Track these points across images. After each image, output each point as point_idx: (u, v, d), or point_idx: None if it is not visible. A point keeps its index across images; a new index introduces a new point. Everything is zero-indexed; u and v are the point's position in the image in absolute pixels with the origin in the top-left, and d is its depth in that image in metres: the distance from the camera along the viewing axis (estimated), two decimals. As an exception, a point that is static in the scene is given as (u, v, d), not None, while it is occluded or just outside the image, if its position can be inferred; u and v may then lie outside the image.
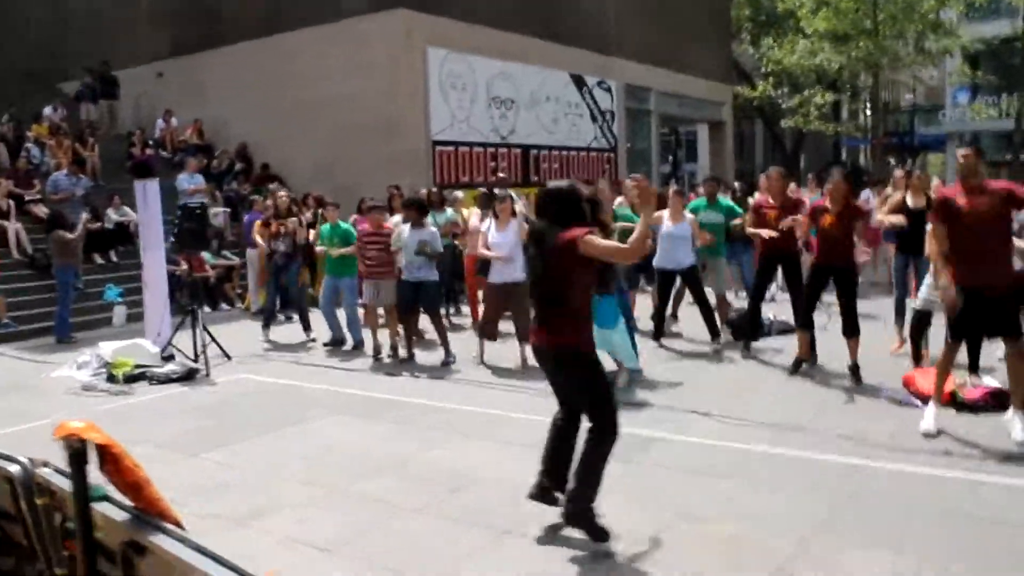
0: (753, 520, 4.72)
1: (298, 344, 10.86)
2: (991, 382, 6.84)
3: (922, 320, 7.72)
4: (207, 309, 14.03)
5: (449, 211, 11.46)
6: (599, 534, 4.41)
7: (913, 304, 8.02)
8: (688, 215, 9.42)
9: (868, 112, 35.57)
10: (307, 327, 11.09)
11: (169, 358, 9.70)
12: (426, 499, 5.25)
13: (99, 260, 14.28)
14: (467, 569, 4.27)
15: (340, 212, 10.56)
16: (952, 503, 4.86)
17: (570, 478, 4.52)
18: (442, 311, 10.92)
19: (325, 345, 10.52)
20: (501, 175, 14.98)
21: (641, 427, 6.53)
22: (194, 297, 10.21)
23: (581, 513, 4.43)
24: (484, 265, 9.28)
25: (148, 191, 10.34)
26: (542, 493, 4.70)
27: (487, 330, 9.08)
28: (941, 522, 4.60)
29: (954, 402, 6.63)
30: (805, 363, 8.19)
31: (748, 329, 9.04)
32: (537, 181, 18.85)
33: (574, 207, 4.48)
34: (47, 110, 17.84)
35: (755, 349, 9.01)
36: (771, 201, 8.74)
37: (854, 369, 7.67)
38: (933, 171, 42.66)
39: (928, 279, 7.53)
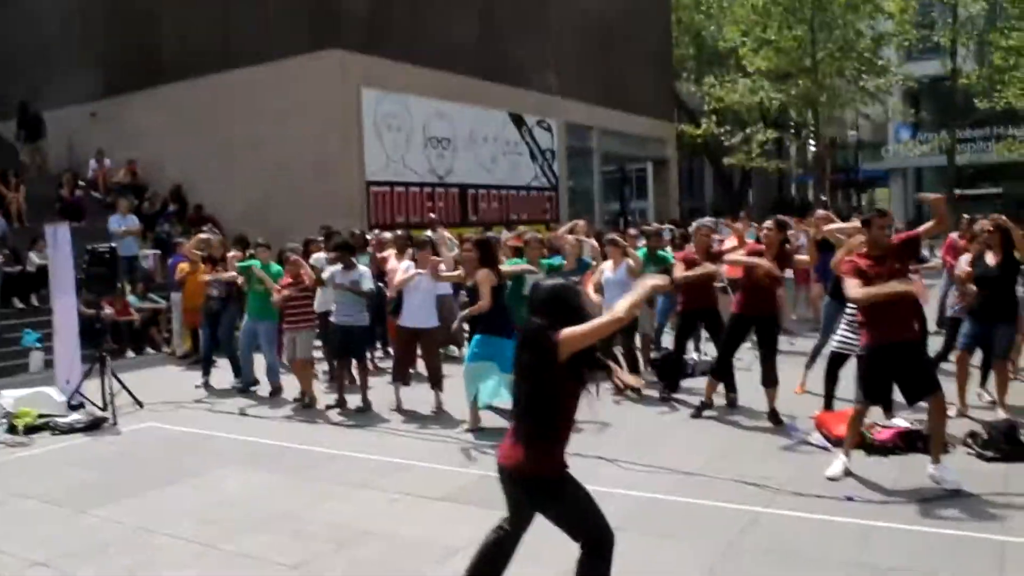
0: (635, 571, 4.57)
1: (223, 391, 10.57)
2: (900, 423, 6.79)
3: (836, 363, 7.68)
4: (131, 354, 13.75)
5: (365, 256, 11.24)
6: None
7: (830, 346, 7.96)
8: (628, 262, 9.31)
9: (813, 148, 36.26)
10: (237, 373, 10.80)
11: (78, 407, 9.37)
12: (306, 556, 5.06)
13: (19, 304, 13.86)
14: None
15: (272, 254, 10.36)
16: (841, 551, 4.76)
17: None
18: (367, 354, 10.78)
19: (237, 390, 10.29)
20: (432, 216, 14.86)
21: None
22: (99, 343, 9.85)
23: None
24: (396, 306, 9.13)
25: (59, 234, 10.05)
26: None
27: (398, 373, 8.99)
28: (826, 571, 4.50)
29: (864, 444, 6.57)
30: (708, 408, 8.11)
31: (670, 372, 9.00)
32: (475, 221, 18.82)
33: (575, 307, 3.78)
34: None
35: (680, 390, 8.93)
36: (695, 256, 8.69)
37: (772, 415, 7.62)
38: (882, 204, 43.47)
39: (844, 323, 7.52)
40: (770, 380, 7.66)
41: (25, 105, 19.47)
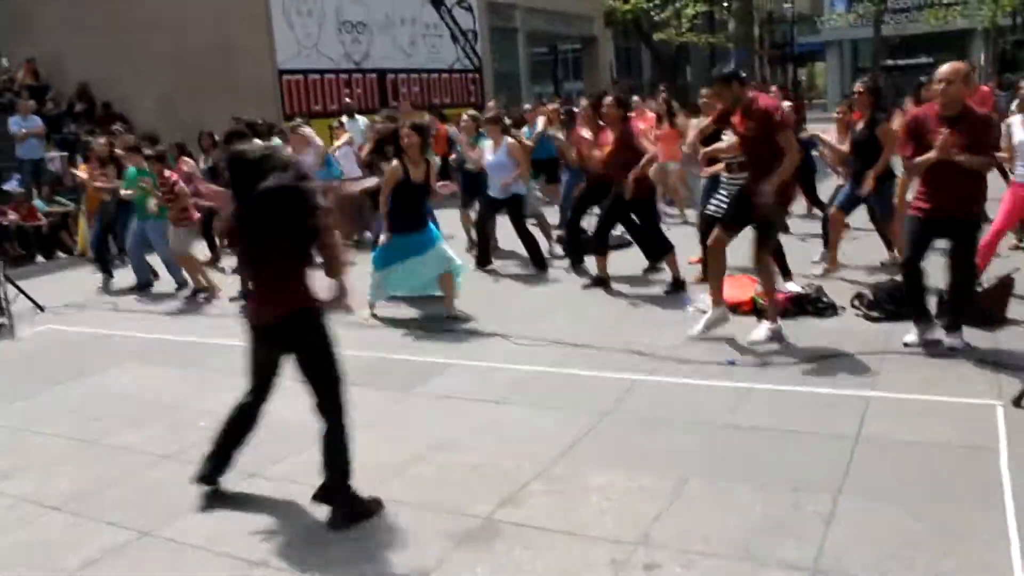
0: (508, 444, 4.62)
1: (131, 289, 10.35)
2: (793, 287, 6.87)
3: (708, 225, 7.67)
4: (41, 259, 13.36)
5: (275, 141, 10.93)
6: (369, 510, 3.98)
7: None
8: (509, 140, 9.13)
9: (755, 24, 35.75)
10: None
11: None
12: (183, 445, 5.01)
13: (-83, 213, 13.30)
14: (194, 517, 4.08)
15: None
16: (713, 413, 4.84)
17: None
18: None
19: (132, 289, 10.12)
20: (347, 101, 14.44)
21: (432, 355, 6.41)
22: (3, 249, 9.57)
23: (349, 512, 3.94)
24: None
25: None
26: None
27: None
28: (698, 433, 4.58)
29: (755, 309, 6.64)
30: (605, 281, 8.11)
31: (571, 248, 8.97)
32: (396, 106, 18.29)
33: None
34: None
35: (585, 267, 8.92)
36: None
37: (676, 283, 7.73)
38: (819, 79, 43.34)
39: (720, 188, 7.45)
40: (660, 252, 7.92)
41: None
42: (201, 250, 10.42)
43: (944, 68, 5.45)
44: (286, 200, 3.75)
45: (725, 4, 29.69)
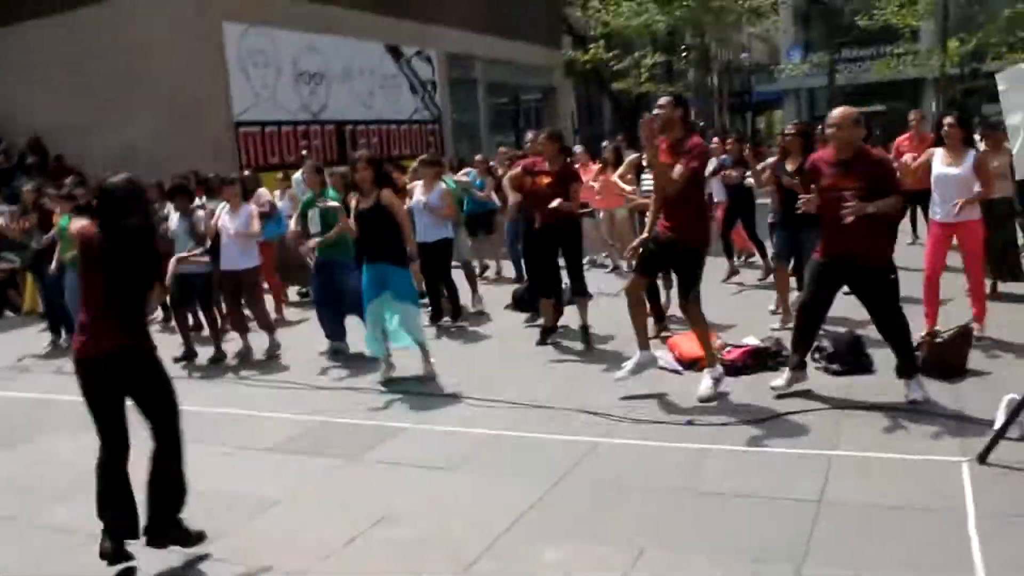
0: (457, 515, 4.40)
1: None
2: (750, 341, 6.73)
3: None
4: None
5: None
6: (194, 539, 4.20)
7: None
8: (442, 185, 9.09)
9: (713, 73, 36.27)
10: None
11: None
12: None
13: None
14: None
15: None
16: (670, 477, 4.65)
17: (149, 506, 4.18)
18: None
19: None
20: (303, 153, 14.28)
21: (383, 418, 6.18)
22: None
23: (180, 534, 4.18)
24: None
25: None
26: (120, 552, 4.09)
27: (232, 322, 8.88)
28: (656, 499, 4.39)
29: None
30: (553, 332, 8.03)
31: (525, 301, 8.90)
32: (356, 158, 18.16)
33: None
34: None
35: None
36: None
37: (584, 331, 7.70)
38: (777, 127, 43.98)
39: None
40: (576, 291, 7.85)
41: None
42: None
43: (834, 112, 5.55)
44: (144, 239, 4.10)
45: (684, 55, 30.07)
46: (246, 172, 10.48)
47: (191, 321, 9.23)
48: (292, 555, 4.12)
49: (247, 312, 8.69)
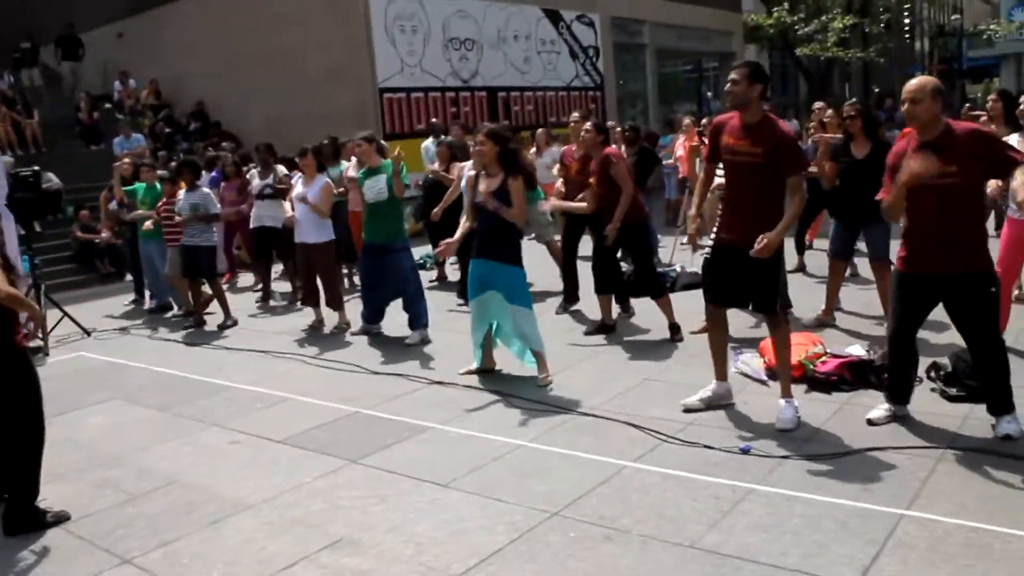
0: (416, 546, 3.70)
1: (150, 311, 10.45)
2: (855, 350, 5.56)
3: None
4: (129, 277, 13.43)
5: (343, 164, 10.40)
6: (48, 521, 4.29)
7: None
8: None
9: (922, 38, 33.06)
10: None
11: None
12: (90, 508, 4.46)
13: (20, 231, 13.61)
14: None
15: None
16: (690, 523, 3.71)
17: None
18: (344, 270, 10.41)
19: (149, 311, 10.35)
20: (433, 120, 13.82)
21: (414, 415, 5.56)
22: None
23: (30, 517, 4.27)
24: None
25: (-9, 161, 9.59)
26: None
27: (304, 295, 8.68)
28: (657, 554, 3.49)
29: (805, 377, 5.40)
30: (610, 328, 7.25)
31: (566, 288, 8.23)
32: (509, 125, 17.55)
33: None
34: (-7, 78, 17.29)
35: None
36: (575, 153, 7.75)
37: (673, 328, 6.90)
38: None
39: None
40: (651, 290, 7.08)
41: (69, 25, 19.12)
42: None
43: (911, 83, 4.36)
44: None
45: (883, 17, 27.28)
46: (323, 141, 10.11)
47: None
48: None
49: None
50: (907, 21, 32.34)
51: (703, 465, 4.30)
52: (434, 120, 13.75)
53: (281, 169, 10.44)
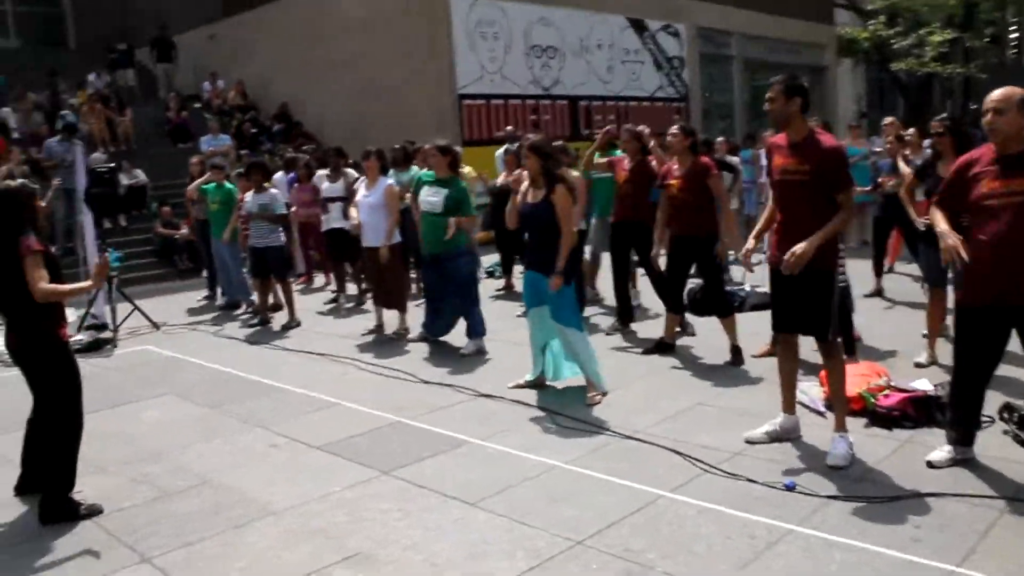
0: (432, 568, 3.56)
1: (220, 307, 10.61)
2: (921, 385, 5.22)
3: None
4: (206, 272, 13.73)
5: (414, 169, 10.39)
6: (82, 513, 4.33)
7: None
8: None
9: (1016, 51, 31.52)
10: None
11: (99, 327, 9.23)
12: (121, 504, 4.47)
13: (107, 224, 14.04)
14: None
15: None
16: (718, 565, 3.50)
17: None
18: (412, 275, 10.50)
19: (220, 308, 10.52)
20: (508, 128, 13.71)
21: (457, 427, 5.48)
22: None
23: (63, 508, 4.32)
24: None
25: (76, 154, 9.89)
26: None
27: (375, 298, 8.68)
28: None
29: (865, 410, 5.10)
30: (669, 347, 7.03)
31: (620, 308, 8.03)
32: (588, 134, 17.36)
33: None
34: (91, 77, 17.85)
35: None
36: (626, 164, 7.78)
37: (735, 351, 6.61)
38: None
39: None
40: (719, 310, 6.81)
41: (163, 27, 19.78)
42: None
43: (995, 93, 4.03)
44: None
45: (989, 30, 26.08)
46: (396, 146, 10.23)
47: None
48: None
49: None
50: (1015, 35, 30.83)
51: (743, 500, 4.06)
52: (508, 128, 13.64)
53: (352, 173, 10.48)
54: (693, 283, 7.43)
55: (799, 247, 4.29)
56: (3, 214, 4.26)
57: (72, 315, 9.08)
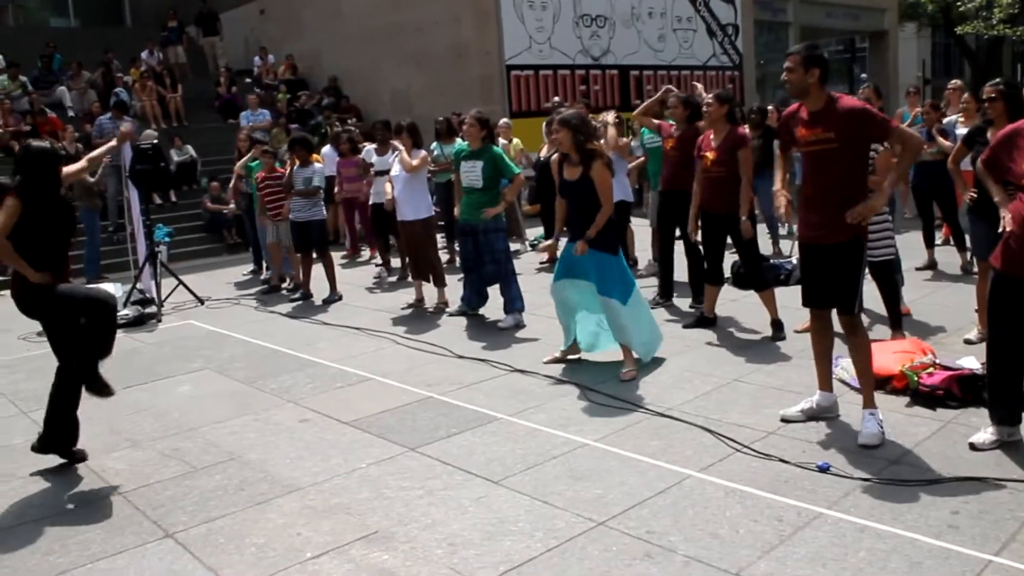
0: (448, 547, 3.52)
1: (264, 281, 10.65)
2: (968, 363, 4.99)
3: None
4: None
5: (459, 142, 10.31)
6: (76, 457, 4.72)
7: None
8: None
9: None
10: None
11: (145, 302, 9.35)
12: (142, 480, 4.50)
13: (157, 200, 14.26)
14: None
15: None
16: (739, 551, 3.38)
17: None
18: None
19: (264, 283, 10.54)
20: (556, 99, 13.51)
21: (487, 404, 5.44)
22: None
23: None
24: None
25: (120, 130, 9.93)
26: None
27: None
28: (687, 578, 3.19)
29: (908, 387, 4.90)
30: (710, 322, 6.90)
31: (662, 281, 7.98)
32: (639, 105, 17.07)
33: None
34: (144, 54, 18.07)
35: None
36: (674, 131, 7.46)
37: (775, 325, 6.45)
38: None
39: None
40: (755, 283, 6.64)
41: (203, 2, 19.97)
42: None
43: None
44: None
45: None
46: (440, 118, 10.20)
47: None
48: (244, 558, 3.52)
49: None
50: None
51: (773, 481, 3.92)
52: (556, 98, 13.46)
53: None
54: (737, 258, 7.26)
55: (864, 204, 4.15)
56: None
57: (119, 291, 9.28)
